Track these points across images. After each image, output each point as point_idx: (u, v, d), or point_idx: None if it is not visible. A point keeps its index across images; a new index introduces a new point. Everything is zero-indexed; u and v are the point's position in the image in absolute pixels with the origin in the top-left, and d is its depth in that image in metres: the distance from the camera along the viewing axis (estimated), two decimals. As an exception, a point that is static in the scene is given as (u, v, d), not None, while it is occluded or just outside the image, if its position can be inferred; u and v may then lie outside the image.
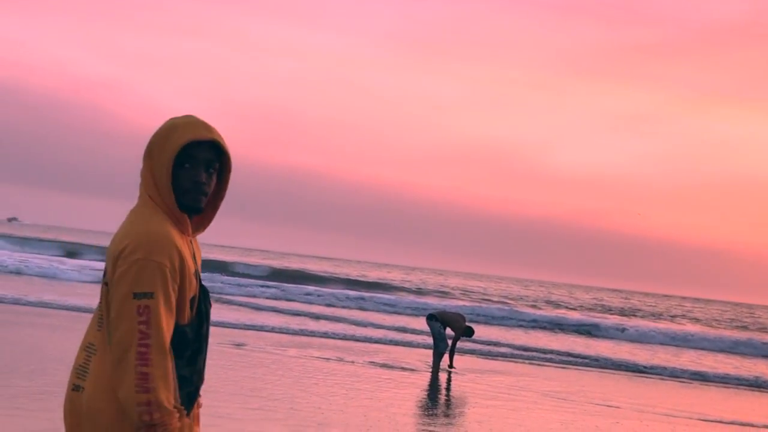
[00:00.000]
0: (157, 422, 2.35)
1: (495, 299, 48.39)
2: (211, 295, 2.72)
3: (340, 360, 13.98)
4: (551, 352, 20.03)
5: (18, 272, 26.81)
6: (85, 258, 38.46)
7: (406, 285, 49.84)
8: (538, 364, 17.52)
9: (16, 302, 17.38)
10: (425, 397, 11.88)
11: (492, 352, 18.64)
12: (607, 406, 12.43)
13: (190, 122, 2.58)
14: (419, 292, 45.01)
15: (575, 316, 35.24)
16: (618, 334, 28.13)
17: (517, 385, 13.62)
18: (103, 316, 2.51)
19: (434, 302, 33.22)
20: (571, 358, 19.31)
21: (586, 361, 19.17)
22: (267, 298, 27.94)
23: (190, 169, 2.55)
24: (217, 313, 18.36)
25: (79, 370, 2.50)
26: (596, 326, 29.43)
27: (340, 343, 16.90)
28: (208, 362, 2.75)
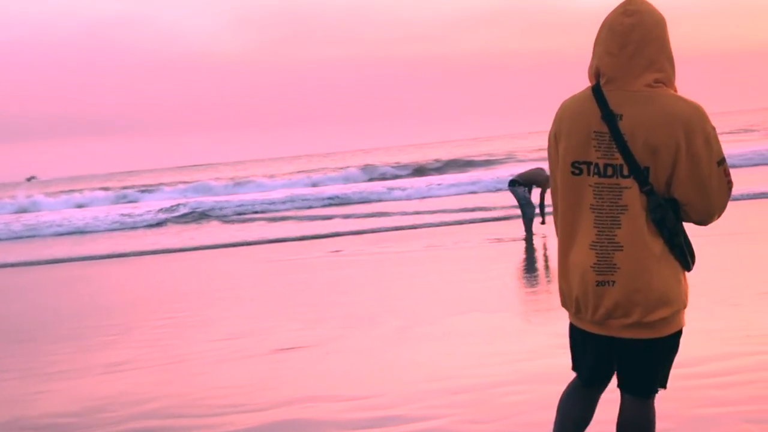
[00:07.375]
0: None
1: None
2: None
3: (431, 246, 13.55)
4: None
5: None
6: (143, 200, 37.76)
7: (478, 159, 48.13)
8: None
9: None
10: (528, 265, 11.33)
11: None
12: None
13: None
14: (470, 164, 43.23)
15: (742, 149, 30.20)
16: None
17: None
18: (642, 210, 2.84)
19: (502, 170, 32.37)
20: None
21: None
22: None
23: None
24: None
25: (598, 268, 2.88)
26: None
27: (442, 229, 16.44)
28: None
